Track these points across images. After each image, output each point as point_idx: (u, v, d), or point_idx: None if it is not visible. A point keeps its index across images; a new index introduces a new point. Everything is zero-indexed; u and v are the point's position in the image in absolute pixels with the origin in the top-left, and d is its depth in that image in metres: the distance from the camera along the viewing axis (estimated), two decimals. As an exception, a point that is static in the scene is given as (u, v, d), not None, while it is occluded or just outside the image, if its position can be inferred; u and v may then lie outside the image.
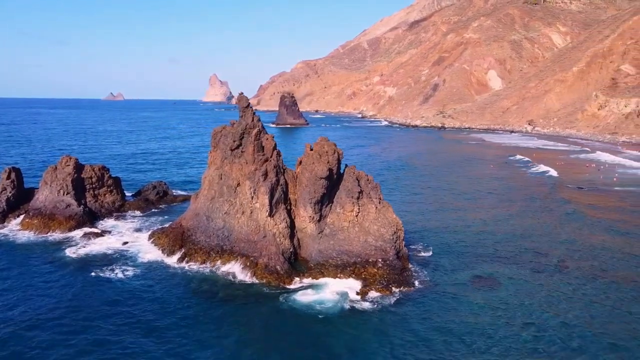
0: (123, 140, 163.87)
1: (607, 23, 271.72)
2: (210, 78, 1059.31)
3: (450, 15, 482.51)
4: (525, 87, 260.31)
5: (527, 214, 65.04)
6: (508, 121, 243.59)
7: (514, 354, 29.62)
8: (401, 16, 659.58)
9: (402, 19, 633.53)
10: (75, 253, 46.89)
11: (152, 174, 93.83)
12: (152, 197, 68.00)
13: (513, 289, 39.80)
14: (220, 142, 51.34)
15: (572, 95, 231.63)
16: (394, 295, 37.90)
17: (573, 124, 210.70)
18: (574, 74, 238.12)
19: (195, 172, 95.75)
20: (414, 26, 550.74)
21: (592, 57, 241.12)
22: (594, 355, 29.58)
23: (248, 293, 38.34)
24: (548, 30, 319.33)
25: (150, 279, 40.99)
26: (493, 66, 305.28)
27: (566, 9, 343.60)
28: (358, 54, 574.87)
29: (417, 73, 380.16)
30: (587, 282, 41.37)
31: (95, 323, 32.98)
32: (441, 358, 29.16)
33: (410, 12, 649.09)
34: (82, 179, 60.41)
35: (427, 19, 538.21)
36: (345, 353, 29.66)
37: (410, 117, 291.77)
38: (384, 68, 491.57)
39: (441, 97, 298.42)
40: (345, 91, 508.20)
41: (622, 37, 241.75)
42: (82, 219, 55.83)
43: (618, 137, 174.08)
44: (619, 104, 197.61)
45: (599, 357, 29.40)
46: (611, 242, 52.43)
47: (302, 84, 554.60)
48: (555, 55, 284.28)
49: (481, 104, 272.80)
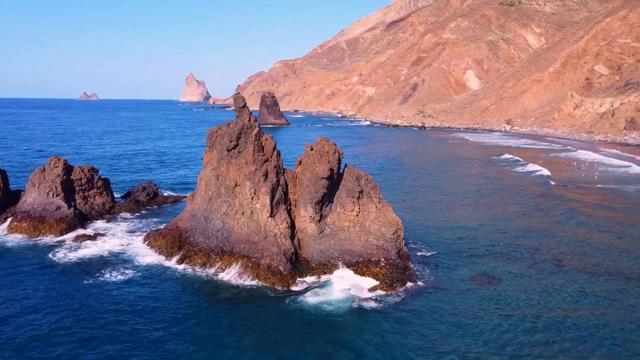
0: (104, 141, 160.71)
1: (581, 25, 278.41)
2: (187, 78, 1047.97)
3: (427, 15, 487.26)
4: (502, 87, 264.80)
5: (520, 212, 66.15)
6: (487, 120, 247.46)
7: (527, 347, 30.09)
8: (378, 16, 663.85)
9: (380, 19, 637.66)
10: (69, 257, 45.76)
11: (139, 175, 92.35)
12: (142, 198, 66.93)
13: (514, 285, 40.40)
14: (217, 143, 50.89)
15: (548, 95, 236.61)
16: (399, 294, 38.11)
17: (550, 123, 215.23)
18: (550, 74, 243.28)
19: (183, 173, 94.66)
20: (391, 26, 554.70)
21: (567, 57, 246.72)
22: (599, 347, 30.22)
23: (253, 295, 38.03)
24: (523, 31, 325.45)
25: (151, 282, 40.28)
26: (471, 66, 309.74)
27: (540, 10, 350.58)
28: (336, 53, 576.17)
29: (395, 73, 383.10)
30: (583, 276, 42.26)
31: (97, 328, 32.18)
32: (454, 355, 29.42)
33: (388, 12, 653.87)
34: (72, 180, 59.10)
35: (404, 19, 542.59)
36: (360, 353, 29.66)
37: (390, 117, 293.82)
38: (362, 68, 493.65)
39: (420, 96, 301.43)
40: (325, 91, 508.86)
41: (595, 38, 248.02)
42: (74, 221, 54.61)
43: (594, 136, 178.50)
44: (594, 104, 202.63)
45: (604, 348, 30.05)
46: (601, 237, 53.68)
47: (281, 84, 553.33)
48: (531, 56, 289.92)
49: (460, 104, 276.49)
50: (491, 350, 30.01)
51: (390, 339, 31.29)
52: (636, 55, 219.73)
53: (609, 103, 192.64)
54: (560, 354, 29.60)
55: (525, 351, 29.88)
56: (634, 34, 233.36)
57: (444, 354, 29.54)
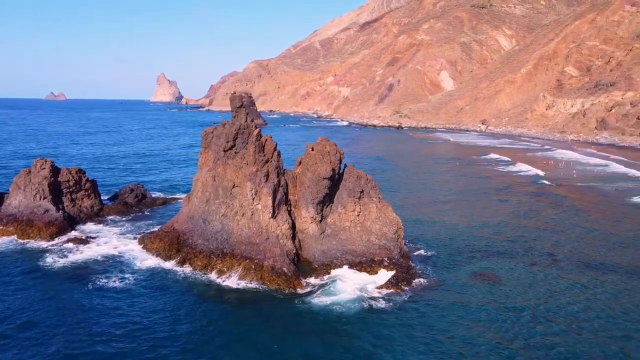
0: (80, 142, 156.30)
1: (551, 27, 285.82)
2: (158, 77, 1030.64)
3: (401, 17, 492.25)
4: (477, 88, 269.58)
5: (512, 210, 67.51)
6: (462, 120, 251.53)
7: (534, 342, 30.71)
8: (352, 17, 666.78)
9: (353, 20, 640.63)
10: (63, 261, 44.42)
11: (122, 176, 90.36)
12: (131, 200, 65.58)
13: (514, 282, 41.18)
14: (212, 143, 50.30)
15: (521, 95, 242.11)
16: (405, 292, 38.37)
17: (524, 123, 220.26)
18: (523, 76, 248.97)
19: (168, 175, 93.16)
20: (365, 27, 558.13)
21: (538, 59, 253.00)
22: (603, 338, 31.09)
23: (260, 297, 37.67)
24: (495, 33, 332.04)
25: (152, 286, 39.44)
26: (445, 67, 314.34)
27: (511, 13, 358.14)
28: (311, 54, 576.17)
29: (370, 73, 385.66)
30: (578, 271, 43.45)
31: (99, 335, 31.31)
32: (468, 352, 29.80)
33: (361, 13, 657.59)
34: (59, 182, 57.50)
35: (377, 20, 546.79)
36: (376, 353, 29.74)
37: (367, 117, 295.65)
38: (337, 68, 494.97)
39: (396, 97, 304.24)
40: (299, 91, 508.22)
41: (565, 40, 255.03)
42: (63, 224, 53.11)
43: (567, 136, 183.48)
44: (565, 104, 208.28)
45: (609, 339, 30.94)
46: (591, 233, 55.30)
47: (255, 84, 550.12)
48: (504, 57, 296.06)
49: (436, 104, 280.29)
50: (502, 345, 30.51)
51: (404, 338, 31.45)
52: (604, 58, 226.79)
53: (580, 104, 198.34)
54: (565, 347, 30.33)
55: (531, 345, 30.51)
56: (601, 36, 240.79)
57: (458, 351, 29.88)
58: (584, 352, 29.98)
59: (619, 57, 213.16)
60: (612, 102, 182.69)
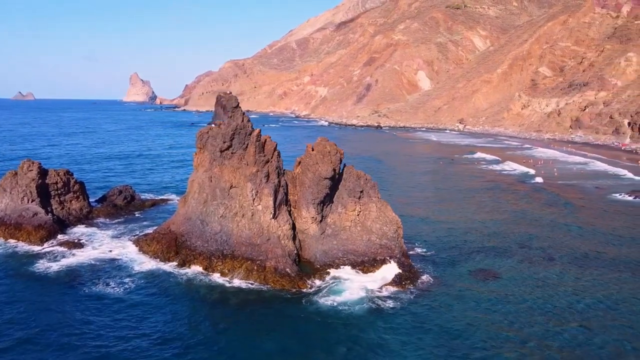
0: (57, 143, 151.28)
1: (525, 28, 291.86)
2: (131, 77, 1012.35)
3: (376, 17, 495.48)
4: (454, 88, 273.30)
5: (504, 207, 68.81)
6: (440, 120, 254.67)
7: (539, 337, 31.33)
8: (327, 17, 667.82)
9: (329, 20, 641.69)
10: (57, 266, 43.14)
11: (107, 178, 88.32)
12: (120, 202, 64.25)
13: (513, 278, 41.93)
14: (208, 144, 49.63)
15: (497, 95, 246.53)
16: (410, 291, 38.62)
17: (500, 123, 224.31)
18: (498, 76, 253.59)
19: (154, 176, 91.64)
20: (341, 27, 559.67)
21: (513, 59, 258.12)
22: (600, 328, 31.91)
23: (265, 298, 37.39)
24: (470, 34, 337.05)
25: (154, 290, 38.66)
26: (422, 67, 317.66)
27: (485, 14, 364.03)
28: (287, 53, 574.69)
29: (348, 73, 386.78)
30: (572, 266, 44.68)
31: (105, 345, 30.58)
32: (476, 347, 30.18)
33: (336, 13, 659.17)
34: (47, 184, 55.95)
35: (353, 20, 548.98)
36: (389, 352, 29.86)
37: (345, 117, 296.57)
38: (313, 68, 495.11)
39: (374, 96, 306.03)
40: (276, 91, 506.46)
41: (538, 41, 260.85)
42: (53, 228, 51.65)
43: (543, 135, 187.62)
44: (540, 104, 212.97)
45: (606, 328, 31.78)
46: (578, 229, 56.77)
47: (232, 84, 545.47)
48: (479, 58, 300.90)
49: (414, 104, 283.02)
50: (512, 340, 31.02)
51: (414, 337, 31.66)
52: (577, 58, 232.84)
53: (555, 103, 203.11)
54: (569, 339, 31.06)
55: (536, 338, 31.14)
56: (573, 37, 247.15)
57: (466, 348, 30.23)
58: (584, 341, 30.93)
59: (591, 58, 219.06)
60: (586, 102, 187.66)
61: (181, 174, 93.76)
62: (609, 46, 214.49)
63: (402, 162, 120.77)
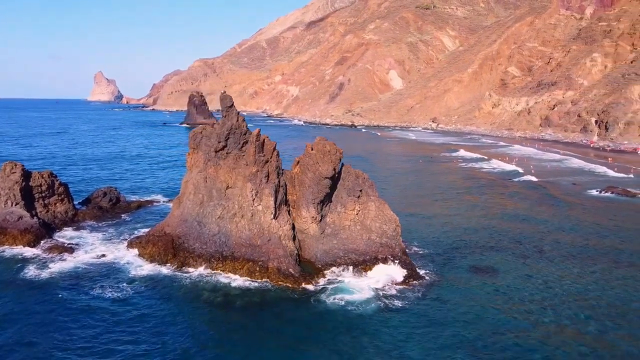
0: (27, 145, 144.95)
1: (493, 29, 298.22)
2: (96, 76, 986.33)
3: (347, 16, 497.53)
4: (426, 87, 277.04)
5: (494, 205, 70.24)
6: (413, 119, 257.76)
7: (544, 328, 32.13)
8: (297, 16, 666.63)
9: (298, 19, 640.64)
10: (49, 272, 41.48)
11: (87, 180, 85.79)
12: (105, 204, 62.54)
13: (511, 274, 42.78)
14: (202, 144, 48.87)
15: (468, 94, 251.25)
16: (414, 289, 38.88)
17: (472, 121, 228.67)
18: (469, 75, 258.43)
19: (136, 177, 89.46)
20: (311, 26, 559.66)
21: (483, 59, 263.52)
22: (596, 319, 32.96)
23: (271, 300, 36.96)
24: (439, 34, 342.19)
25: (155, 294, 37.64)
26: (393, 66, 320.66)
27: (453, 14, 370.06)
28: (257, 52, 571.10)
29: (319, 72, 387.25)
30: (564, 261, 46.00)
31: (109, 348, 29.75)
32: (488, 340, 30.66)
33: (306, 12, 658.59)
34: (30, 187, 53.98)
35: (324, 19, 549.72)
36: (404, 348, 30.02)
37: (319, 116, 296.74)
38: (285, 67, 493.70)
39: (347, 96, 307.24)
40: (247, 90, 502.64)
41: (507, 42, 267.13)
42: (40, 231, 49.85)
43: (514, 133, 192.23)
44: (510, 103, 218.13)
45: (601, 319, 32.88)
46: (563, 225, 58.45)
47: (202, 83, 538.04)
48: (449, 57, 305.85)
49: (387, 103, 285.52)
50: (521, 333, 31.65)
51: (427, 334, 31.85)
52: (544, 59, 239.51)
53: (525, 102, 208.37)
54: (569, 324, 32.00)
55: (540, 328, 31.96)
56: (540, 38, 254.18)
57: (479, 342, 30.68)
58: (585, 331, 31.98)
59: (558, 58, 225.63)
60: (555, 101, 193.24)
61: (163, 175, 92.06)
62: (575, 47, 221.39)
63: (385, 160, 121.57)
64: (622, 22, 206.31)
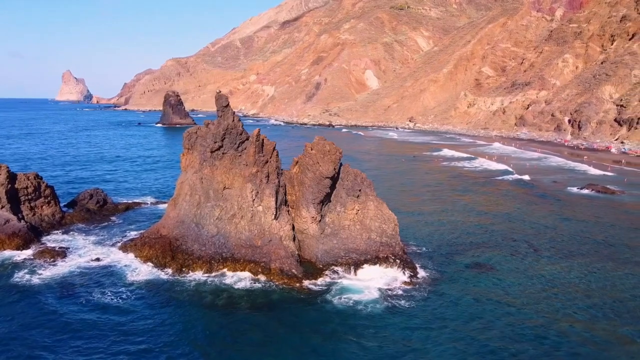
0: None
1: (467, 29, 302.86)
2: (64, 75, 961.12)
3: (321, 16, 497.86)
4: (402, 87, 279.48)
5: (485, 203, 71.21)
6: (390, 118, 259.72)
7: (544, 319, 32.79)
8: (270, 15, 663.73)
9: (272, 19, 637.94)
10: (41, 277, 40.12)
11: (69, 182, 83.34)
12: (92, 206, 60.96)
13: (510, 271, 43.53)
14: (197, 144, 48.16)
15: (444, 94, 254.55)
16: (418, 287, 39.14)
17: (449, 120, 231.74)
18: (445, 75, 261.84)
19: (119, 178, 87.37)
20: (285, 26, 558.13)
21: (458, 60, 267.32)
22: (592, 312, 33.85)
23: (276, 300, 36.63)
24: (414, 34, 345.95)
25: (157, 298, 36.79)
26: (369, 66, 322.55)
27: (427, 15, 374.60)
28: (231, 52, 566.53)
29: (295, 72, 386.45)
30: (556, 256, 47.07)
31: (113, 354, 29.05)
32: (494, 336, 31.07)
33: (280, 12, 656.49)
34: (16, 189, 52.23)
35: (298, 19, 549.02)
36: (414, 346, 30.16)
37: (296, 116, 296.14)
38: (260, 67, 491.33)
39: (324, 95, 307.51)
40: (222, 90, 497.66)
41: (480, 42, 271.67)
42: (29, 235, 48.23)
43: (490, 132, 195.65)
44: (485, 102, 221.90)
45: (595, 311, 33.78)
46: (551, 222, 59.78)
47: (175, 83, 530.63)
48: (425, 58, 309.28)
49: (364, 102, 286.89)
50: (528, 324, 32.21)
51: (434, 331, 32.15)
52: (517, 59, 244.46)
53: (500, 102, 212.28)
54: (571, 313, 32.73)
55: (544, 321, 32.63)
56: (512, 39, 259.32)
57: (485, 338, 31.07)
58: (586, 324, 32.62)
59: (531, 59, 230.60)
60: (529, 101, 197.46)
61: (147, 176, 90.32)
62: (547, 48, 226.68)
63: (370, 160, 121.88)
64: (592, 24, 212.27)
